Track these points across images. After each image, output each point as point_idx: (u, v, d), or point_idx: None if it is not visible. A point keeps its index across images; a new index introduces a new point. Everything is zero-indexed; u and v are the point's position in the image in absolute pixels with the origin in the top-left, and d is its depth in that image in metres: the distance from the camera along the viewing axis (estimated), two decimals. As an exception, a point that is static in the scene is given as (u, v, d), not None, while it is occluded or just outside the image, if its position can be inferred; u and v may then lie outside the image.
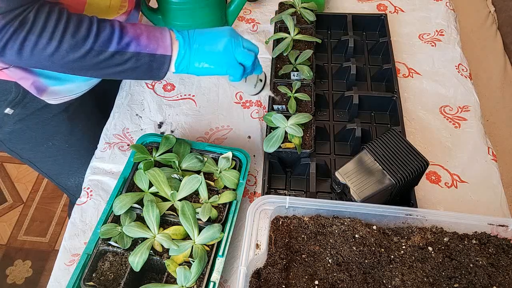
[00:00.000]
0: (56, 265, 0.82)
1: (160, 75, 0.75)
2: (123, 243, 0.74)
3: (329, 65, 1.10)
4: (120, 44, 0.70)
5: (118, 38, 0.70)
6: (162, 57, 0.73)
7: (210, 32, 0.76)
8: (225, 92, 1.08)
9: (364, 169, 0.77)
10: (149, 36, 0.72)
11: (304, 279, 0.70)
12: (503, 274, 0.69)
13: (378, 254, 0.71)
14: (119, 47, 0.70)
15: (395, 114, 0.96)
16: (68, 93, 0.93)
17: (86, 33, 0.67)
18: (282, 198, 0.75)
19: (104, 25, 0.70)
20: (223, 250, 0.74)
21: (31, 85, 0.86)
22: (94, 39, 0.68)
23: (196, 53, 0.75)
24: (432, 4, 1.26)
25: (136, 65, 0.72)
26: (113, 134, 1.01)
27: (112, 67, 0.72)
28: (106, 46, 0.69)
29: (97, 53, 0.69)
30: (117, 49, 0.70)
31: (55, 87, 0.89)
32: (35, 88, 0.87)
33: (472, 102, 1.03)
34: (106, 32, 0.69)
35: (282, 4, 1.14)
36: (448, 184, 0.90)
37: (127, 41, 0.70)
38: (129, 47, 0.71)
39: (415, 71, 1.10)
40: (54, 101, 0.93)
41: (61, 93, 0.92)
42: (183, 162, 0.84)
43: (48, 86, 0.88)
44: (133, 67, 0.72)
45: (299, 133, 0.84)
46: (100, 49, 0.69)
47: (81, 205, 0.90)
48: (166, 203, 0.78)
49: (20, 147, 1.01)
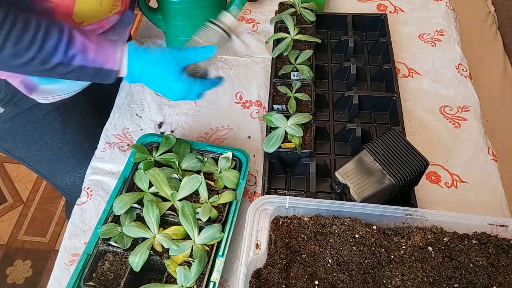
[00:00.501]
0: (56, 265, 0.82)
1: (108, 82, 0.75)
2: (123, 243, 0.74)
3: (329, 65, 1.10)
4: (66, 57, 0.69)
5: (63, 50, 0.68)
6: (109, 71, 0.73)
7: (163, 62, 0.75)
8: (225, 92, 1.08)
9: (364, 169, 0.77)
10: (98, 50, 0.71)
11: (304, 279, 0.70)
12: (503, 274, 0.69)
13: (378, 254, 0.71)
14: (63, 59, 0.69)
15: (395, 114, 0.96)
16: (59, 93, 0.92)
17: (29, 43, 0.65)
18: (282, 198, 0.75)
19: (51, 34, 0.67)
20: (223, 250, 0.74)
21: (20, 83, 0.85)
22: (37, 49, 0.66)
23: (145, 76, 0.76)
24: (432, 4, 1.26)
25: (81, 75, 0.72)
26: (113, 134, 1.01)
27: (58, 74, 0.71)
28: (50, 57, 0.68)
29: (40, 62, 0.68)
30: (61, 61, 0.69)
31: (45, 86, 0.88)
32: (24, 86, 0.86)
33: (472, 102, 1.03)
34: (52, 43, 0.67)
35: (282, 4, 1.14)
36: (448, 184, 0.90)
37: (72, 54, 0.69)
38: (74, 60, 0.70)
39: (415, 71, 1.10)
40: (45, 100, 0.92)
41: (52, 92, 0.91)
42: (183, 162, 0.84)
43: (38, 85, 0.87)
44: (79, 76, 0.72)
45: (299, 133, 0.84)
46: (44, 59, 0.67)
47: (81, 205, 0.90)
48: (166, 203, 0.78)
49: (12, 146, 1.00)
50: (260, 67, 1.12)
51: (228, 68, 1.13)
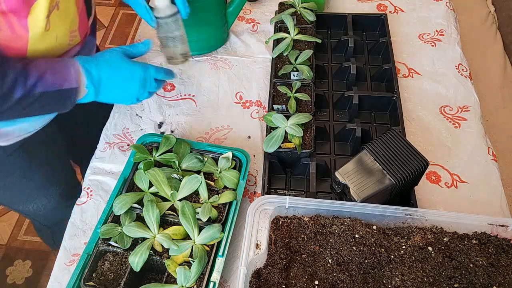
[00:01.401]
0: (56, 265, 0.82)
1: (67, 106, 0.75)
2: (123, 243, 0.74)
3: (329, 65, 1.10)
4: (26, 87, 0.67)
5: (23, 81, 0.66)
6: (69, 90, 0.72)
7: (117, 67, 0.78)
8: (225, 92, 1.08)
9: (364, 169, 0.77)
10: (53, 72, 0.70)
11: (304, 279, 0.70)
12: (503, 274, 0.69)
13: (378, 254, 0.71)
14: (24, 90, 0.67)
15: (395, 114, 0.96)
16: (21, 132, 0.89)
17: None
18: (282, 198, 0.75)
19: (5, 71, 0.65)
20: (223, 250, 0.74)
21: None
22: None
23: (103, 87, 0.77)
24: (432, 4, 1.26)
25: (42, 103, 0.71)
26: (113, 134, 1.01)
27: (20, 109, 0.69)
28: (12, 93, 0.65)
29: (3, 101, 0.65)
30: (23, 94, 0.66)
31: (5, 128, 0.84)
32: None
33: (472, 102, 1.03)
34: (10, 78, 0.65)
35: (282, 4, 1.14)
36: (448, 184, 0.90)
37: (32, 83, 0.67)
38: (35, 88, 0.68)
39: (415, 71, 1.10)
40: (6, 142, 0.88)
41: (13, 134, 0.87)
42: (183, 162, 0.84)
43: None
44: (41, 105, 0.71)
45: (299, 133, 0.84)
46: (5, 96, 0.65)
47: (81, 205, 0.90)
48: (166, 203, 0.78)
49: None
50: (260, 67, 1.12)
51: (228, 68, 1.13)
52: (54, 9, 0.70)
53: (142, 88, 0.81)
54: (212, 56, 1.15)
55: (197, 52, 1.14)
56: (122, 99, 0.82)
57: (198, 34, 1.10)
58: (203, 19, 1.06)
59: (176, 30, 0.90)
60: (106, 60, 0.77)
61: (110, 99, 0.81)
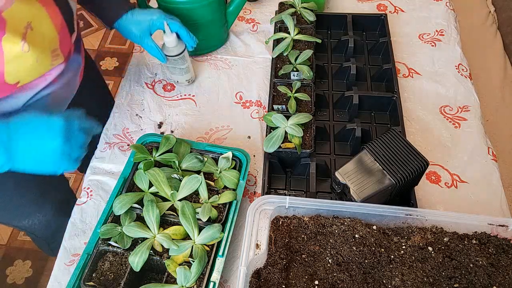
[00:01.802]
0: (56, 265, 0.82)
1: None
2: (123, 243, 0.74)
3: (329, 65, 1.10)
4: None
5: None
6: None
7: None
8: (225, 92, 1.08)
9: (364, 169, 0.77)
10: None
11: (304, 279, 0.70)
12: (503, 274, 0.69)
13: (378, 254, 0.71)
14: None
15: (395, 114, 0.96)
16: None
17: None
18: (282, 198, 0.75)
19: None
20: (223, 250, 0.74)
21: None
22: None
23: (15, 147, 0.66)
24: (432, 4, 1.26)
25: None
26: (113, 134, 1.01)
27: None
28: None
29: None
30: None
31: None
32: None
33: (472, 102, 1.03)
34: None
35: (282, 4, 1.14)
36: (448, 184, 0.90)
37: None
38: None
39: (415, 71, 1.10)
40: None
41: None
42: (183, 162, 0.84)
43: None
44: None
45: (299, 133, 0.84)
46: None
47: (81, 205, 0.90)
48: (166, 203, 0.78)
49: None
50: (260, 67, 1.12)
51: (228, 68, 1.13)
52: (28, 30, 0.67)
53: (67, 143, 0.68)
54: (212, 56, 1.15)
55: (197, 52, 1.14)
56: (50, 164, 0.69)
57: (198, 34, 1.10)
58: (203, 19, 1.06)
59: (183, 63, 1.02)
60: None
61: (31, 166, 0.68)
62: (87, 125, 0.72)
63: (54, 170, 0.69)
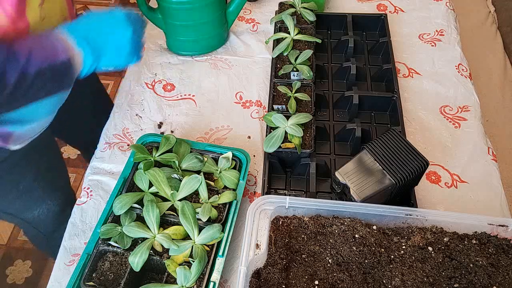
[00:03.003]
0: (56, 265, 0.82)
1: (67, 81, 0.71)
2: (123, 243, 0.74)
3: (329, 65, 1.10)
4: (19, 69, 0.62)
5: (13, 63, 0.61)
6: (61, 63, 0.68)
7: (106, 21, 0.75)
8: (225, 92, 1.08)
9: (364, 169, 0.77)
10: (41, 47, 0.66)
11: (304, 279, 0.70)
12: (503, 274, 0.69)
13: (378, 254, 0.71)
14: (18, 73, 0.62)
15: (395, 114, 0.96)
16: (31, 133, 0.88)
17: None
18: (282, 198, 0.75)
19: None
20: (223, 250, 0.74)
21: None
22: None
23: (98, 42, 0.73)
24: (432, 4, 1.26)
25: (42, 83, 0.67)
26: (113, 134, 1.01)
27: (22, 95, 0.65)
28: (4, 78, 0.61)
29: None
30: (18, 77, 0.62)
31: (17, 132, 0.83)
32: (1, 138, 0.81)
33: (472, 102, 1.03)
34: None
35: (282, 4, 1.14)
36: (448, 184, 0.90)
37: (24, 63, 0.62)
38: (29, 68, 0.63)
39: (415, 71, 1.10)
40: (20, 145, 0.87)
41: (24, 136, 0.86)
42: (183, 162, 0.84)
43: (12, 132, 0.82)
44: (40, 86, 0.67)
45: (299, 133, 0.84)
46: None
47: (81, 205, 0.90)
48: (166, 203, 0.78)
49: None
50: (260, 67, 1.12)
51: (228, 68, 1.13)
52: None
53: (136, 34, 0.77)
54: (212, 56, 1.15)
55: (197, 52, 1.14)
56: (125, 56, 0.77)
57: (198, 34, 1.10)
58: (203, 19, 1.06)
59: None
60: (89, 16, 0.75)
61: (112, 59, 0.76)
62: (137, 16, 0.79)
63: (128, 61, 0.79)
